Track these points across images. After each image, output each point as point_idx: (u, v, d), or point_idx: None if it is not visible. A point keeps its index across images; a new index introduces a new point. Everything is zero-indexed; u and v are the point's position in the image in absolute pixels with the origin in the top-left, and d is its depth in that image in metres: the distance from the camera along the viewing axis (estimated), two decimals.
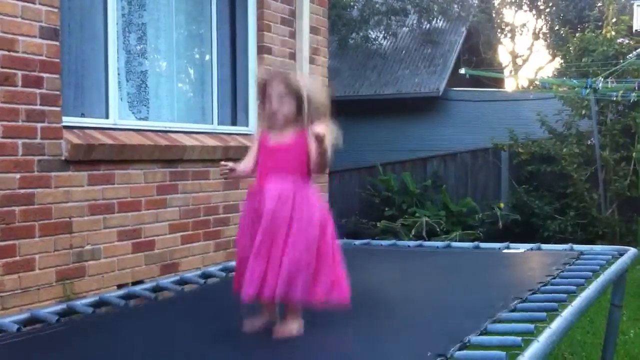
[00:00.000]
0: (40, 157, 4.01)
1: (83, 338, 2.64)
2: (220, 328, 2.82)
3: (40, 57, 4.01)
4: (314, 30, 6.35)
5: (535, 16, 23.18)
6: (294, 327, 2.61)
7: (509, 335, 2.28)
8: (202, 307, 3.23)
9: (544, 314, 2.49)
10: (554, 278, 3.23)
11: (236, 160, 5.47)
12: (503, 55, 23.95)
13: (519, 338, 2.18)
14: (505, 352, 2.08)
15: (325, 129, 2.56)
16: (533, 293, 2.92)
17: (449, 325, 2.52)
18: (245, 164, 2.81)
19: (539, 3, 22.60)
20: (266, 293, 2.54)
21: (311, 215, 2.62)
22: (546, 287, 3.05)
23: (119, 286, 4.36)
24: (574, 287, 2.98)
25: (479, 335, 2.32)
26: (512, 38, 23.91)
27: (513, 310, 2.64)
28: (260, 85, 2.73)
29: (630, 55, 10.23)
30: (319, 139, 2.53)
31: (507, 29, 23.27)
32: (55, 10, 4.11)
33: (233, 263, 4.15)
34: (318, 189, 2.72)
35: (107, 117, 4.65)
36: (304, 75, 2.72)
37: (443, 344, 2.20)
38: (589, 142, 10.70)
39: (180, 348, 2.52)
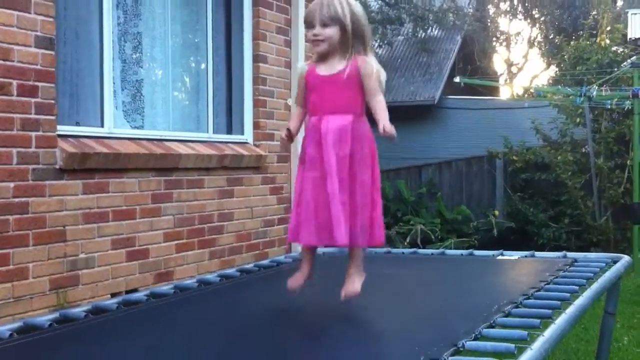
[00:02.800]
0: (34, 166, 4.01)
1: (76, 345, 2.64)
2: (216, 335, 2.81)
3: (35, 67, 4.02)
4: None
5: (530, 25, 23.30)
6: (358, 284, 2.63)
7: (502, 341, 2.29)
8: (198, 313, 3.22)
9: (538, 320, 2.49)
10: (547, 284, 3.24)
11: (232, 168, 5.50)
12: (498, 63, 24.07)
13: (513, 345, 2.18)
14: None
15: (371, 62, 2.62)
16: (527, 298, 2.93)
17: (443, 329, 2.52)
18: (296, 119, 2.79)
19: (533, 12, 22.71)
20: (346, 239, 2.55)
21: (367, 153, 2.65)
22: (539, 293, 3.05)
23: (113, 295, 4.36)
24: (567, 295, 2.98)
25: (473, 340, 2.32)
26: (507, 46, 24.03)
27: (507, 315, 2.65)
28: (305, 16, 2.71)
29: (625, 63, 10.27)
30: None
31: (502, 37, 23.37)
32: (51, 19, 4.13)
33: (228, 271, 4.15)
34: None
35: (102, 125, 4.65)
36: (347, 2, 2.67)
37: (436, 349, 2.20)
38: (584, 150, 10.73)
39: (175, 355, 2.52)
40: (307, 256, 2.84)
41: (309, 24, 2.66)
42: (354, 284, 2.69)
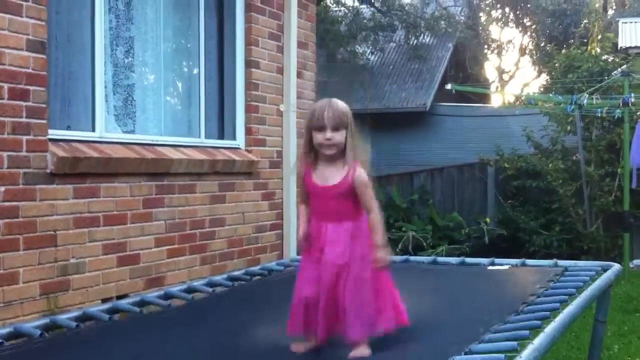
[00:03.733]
0: (25, 170, 3.99)
1: (67, 353, 2.63)
2: (206, 342, 2.81)
3: (26, 70, 4.00)
4: (301, 45, 6.39)
5: (521, 33, 23.39)
6: (366, 350, 2.63)
7: (492, 353, 2.28)
8: (188, 322, 3.21)
9: (527, 332, 2.50)
10: (537, 297, 3.24)
11: (224, 174, 5.49)
12: (489, 71, 24.16)
13: (502, 355, 2.19)
14: None
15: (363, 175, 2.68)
16: (517, 314, 2.93)
17: (433, 347, 2.53)
18: (304, 218, 2.81)
19: (525, 20, 22.80)
20: (350, 335, 2.60)
21: (365, 253, 2.68)
22: (530, 306, 3.05)
23: (104, 300, 4.33)
24: (557, 304, 2.99)
25: (464, 354, 2.32)
26: (499, 54, 24.11)
27: (496, 332, 2.64)
28: (310, 118, 2.72)
29: (615, 72, 10.33)
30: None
31: (494, 45, 23.45)
32: (43, 23, 4.11)
33: (218, 277, 4.14)
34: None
35: (93, 130, 4.64)
36: (343, 103, 2.73)
37: None
38: (574, 158, 10.77)
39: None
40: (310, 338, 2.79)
41: (317, 128, 2.67)
42: (361, 349, 2.65)
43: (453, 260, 4.63)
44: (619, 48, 13.61)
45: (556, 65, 11.68)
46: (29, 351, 2.61)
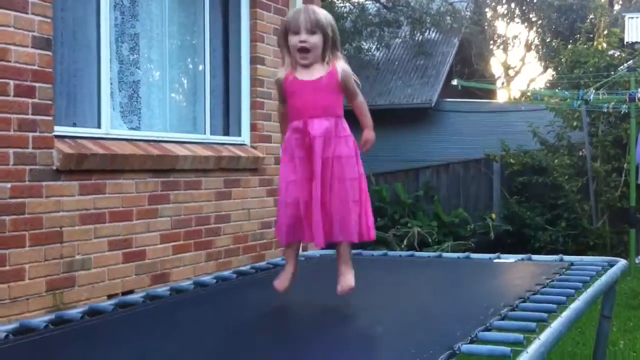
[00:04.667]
0: (31, 167, 4.01)
1: (72, 347, 2.63)
2: (212, 336, 2.81)
3: (32, 67, 4.01)
4: None
5: (527, 28, 23.36)
6: (351, 278, 2.70)
7: (498, 344, 2.28)
8: (194, 315, 3.21)
9: (534, 324, 2.49)
10: (543, 287, 3.24)
11: (229, 170, 5.49)
12: (495, 66, 24.13)
13: (508, 349, 2.18)
14: None
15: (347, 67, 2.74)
16: (523, 301, 2.93)
17: (439, 332, 2.52)
18: (286, 126, 2.85)
19: (531, 15, 22.75)
20: (326, 240, 2.64)
21: (352, 152, 2.73)
22: (536, 296, 3.05)
23: (109, 296, 4.35)
24: (563, 298, 2.98)
25: (469, 343, 2.32)
26: (504, 50, 24.08)
27: (503, 319, 2.65)
28: (285, 23, 2.75)
29: (622, 67, 10.30)
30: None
31: (500, 40, 23.42)
32: (48, 20, 4.12)
33: (225, 273, 4.15)
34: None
35: (99, 126, 4.65)
36: (323, 10, 2.76)
37: (432, 352, 2.20)
38: (580, 154, 10.75)
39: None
40: (290, 254, 2.88)
41: (293, 31, 2.70)
42: (347, 278, 2.76)
43: (458, 255, 4.63)
44: (625, 43, 13.58)
45: (562, 60, 11.65)
46: (35, 344, 2.62)
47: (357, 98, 2.79)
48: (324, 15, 2.70)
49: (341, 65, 2.74)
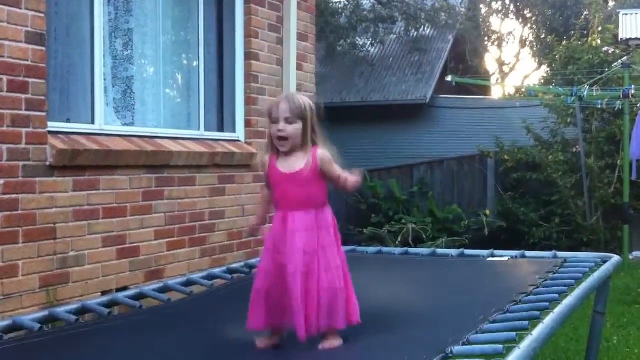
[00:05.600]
0: (25, 163, 3.99)
1: (66, 346, 2.63)
2: (205, 336, 2.81)
3: (25, 62, 4.00)
4: (301, 36, 6.37)
5: (521, 24, 23.37)
6: (336, 341, 2.64)
7: (491, 343, 2.29)
8: (187, 316, 3.21)
9: (526, 322, 2.50)
10: (536, 287, 3.25)
11: (223, 166, 5.49)
12: (490, 63, 24.14)
13: (501, 346, 2.19)
14: None
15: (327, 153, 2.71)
16: (516, 304, 2.93)
17: (431, 336, 2.53)
18: (263, 206, 2.89)
19: (525, 11, 22.77)
20: (312, 331, 2.59)
21: (333, 240, 2.71)
22: (529, 296, 3.06)
23: (104, 293, 4.34)
24: (556, 295, 2.99)
25: (462, 344, 2.32)
26: (499, 46, 24.10)
27: (495, 322, 2.65)
28: (267, 112, 2.75)
29: (616, 63, 10.31)
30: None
31: (494, 37, 23.42)
32: (42, 15, 4.10)
33: (217, 270, 4.15)
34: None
35: (92, 122, 4.63)
36: (304, 97, 2.76)
37: (425, 355, 2.20)
38: (575, 150, 10.77)
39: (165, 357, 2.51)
40: (275, 333, 2.78)
41: (272, 119, 2.71)
42: (331, 340, 2.67)
43: (452, 252, 4.63)
44: (619, 40, 13.60)
45: (556, 57, 11.66)
46: (28, 345, 2.61)
47: (340, 179, 2.73)
48: (303, 102, 2.71)
49: (320, 154, 2.71)
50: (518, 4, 22.71)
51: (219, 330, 2.92)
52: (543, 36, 21.29)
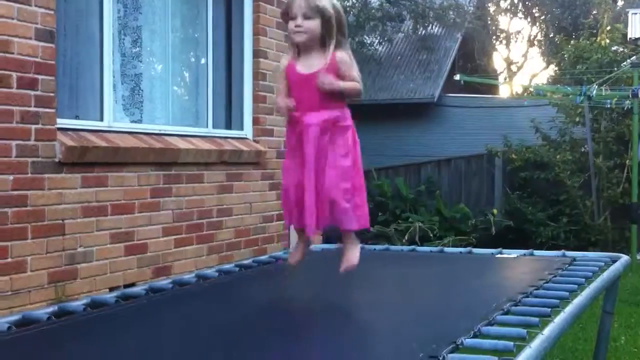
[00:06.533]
0: (34, 159, 4.00)
1: (75, 340, 2.63)
2: (215, 328, 2.81)
3: (35, 59, 4.01)
4: None
5: (530, 23, 23.32)
6: (356, 253, 2.72)
7: (501, 339, 2.28)
8: (196, 308, 3.21)
9: (537, 319, 2.49)
10: (546, 282, 3.23)
11: (231, 164, 5.50)
12: (498, 61, 24.08)
13: (511, 343, 2.18)
14: (497, 358, 2.08)
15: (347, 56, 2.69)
16: (526, 296, 2.92)
17: (442, 327, 2.52)
18: (284, 93, 2.83)
19: (534, 10, 22.70)
20: (320, 225, 2.65)
21: (348, 142, 2.72)
22: (539, 291, 3.04)
23: (111, 289, 4.35)
24: (566, 293, 2.98)
25: (472, 337, 2.32)
26: (507, 45, 24.04)
27: (506, 313, 2.64)
28: (284, 7, 2.72)
29: (625, 63, 10.27)
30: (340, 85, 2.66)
31: (502, 35, 23.36)
32: (51, 12, 4.11)
33: (227, 266, 4.15)
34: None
35: (101, 119, 4.65)
36: None
37: (435, 346, 2.19)
38: (583, 150, 10.73)
39: (173, 349, 2.51)
40: (299, 235, 2.92)
41: (289, 15, 2.68)
42: (350, 256, 2.78)
43: (460, 250, 4.62)
44: (628, 39, 13.54)
45: (565, 56, 11.62)
46: (37, 336, 2.62)
47: (357, 84, 2.76)
48: (320, 1, 2.66)
49: (340, 55, 2.69)
50: (527, 3, 22.66)
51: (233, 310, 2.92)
52: (551, 35, 21.23)
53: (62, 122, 4.24)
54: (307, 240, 2.86)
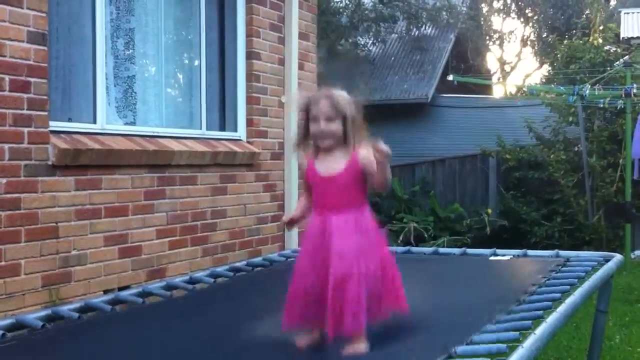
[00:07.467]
0: (26, 162, 3.99)
1: (69, 343, 2.63)
2: (208, 333, 2.81)
3: (27, 62, 4.00)
4: (302, 36, 6.37)
5: (523, 23, 23.35)
6: (362, 345, 2.59)
7: (494, 343, 2.29)
8: (189, 313, 3.22)
9: (529, 322, 2.50)
10: (539, 287, 3.24)
11: (225, 165, 5.50)
12: (491, 62, 24.12)
13: (504, 345, 2.19)
14: None
15: (370, 153, 2.57)
16: (519, 303, 2.93)
17: (435, 333, 2.53)
18: (301, 206, 2.80)
19: (527, 10, 22.75)
20: (346, 330, 2.53)
21: (373, 240, 2.64)
22: (532, 296, 3.05)
23: (105, 291, 4.34)
24: (559, 295, 2.99)
25: (465, 344, 2.32)
26: (501, 45, 24.07)
27: (498, 322, 2.64)
28: (304, 107, 2.68)
29: (617, 62, 10.30)
30: (376, 163, 2.55)
31: (496, 36, 23.40)
32: (44, 14, 4.10)
33: (220, 269, 4.15)
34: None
35: (94, 121, 4.63)
36: (344, 93, 2.69)
37: (429, 355, 2.20)
38: (576, 149, 10.76)
39: (166, 354, 2.51)
40: (314, 330, 2.75)
41: (312, 117, 2.64)
42: (358, 345, 2.60)
43: (454, 251, 4.63)
44: (621, 39, 13.58)
45: (558, 56, 11.64)
46: (31, 342, 2.61)
47: (375, 179, 2.64)
48: (344, 99, 2.63)
49: (362, 154, 2.62)
50: (519, 3, 22.70)
51: (230, 323, 2.92)
52: (544, 35, 21.27)
53: (55, 125, 4.23)
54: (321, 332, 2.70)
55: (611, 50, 11.33)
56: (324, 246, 2.60)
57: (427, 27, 16.57)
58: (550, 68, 13.52)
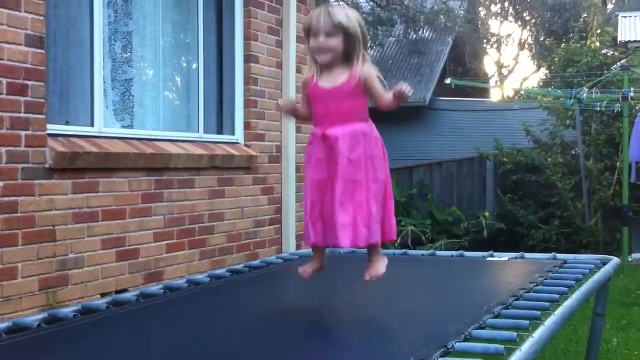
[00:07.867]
0: (24, 165, 3.99)
1: (66, 345, 2.63)
2: (206, 334, 2.81)
3: (25, 65, 4.00)
4: (301, 39, 6.37)
5: (521, 27, 23.39)
6: (382, 265, 2.65)
7: (492, 342, 2.29)
8: (188, 313, 3.21)
9: (527, 322, 2.50)
10: (537, 285, 3.25)
11: (223, 169, 5.50)
12: (489, 65, 24.17)
13: (502, 347, 2.19)
14: None
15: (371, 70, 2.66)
16: (517, 300, 2.93)
17: (433, 331, 2.53)
18: (304, 110, 2.81)
19: (524, 14, 22.79)
20: (360, 242, 2.57)
21: (380, 153, 2.69)
22: (530, 294, 3.06)
23: (103, 295, 4.34)
24: (557, 296, 2.99)
25: (463, 341, 2.32)
26: (498, 49, 24.11)
27: (497, 317, 2.65)
28: (306, 25, 2.69)
29: (615, 66, 10.33)
30: (400, 97, 2.60)
31: (493, 39, 23.45)
32: (41, 18, 4.10)
33: (218, 271, 4.15)
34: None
35: (92, 125, 4.63)
36: (346, 9, 2.70)
37: (426, 350, 2.20)
38: (574, 152, 10.78)
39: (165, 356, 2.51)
40: (317, 254, 2.86)
41: (312, 33, 2.65)
42: (377, 267, 2.74)
43: (452, 254, 4.63)
44: (618, 42, 13.61)
45: (556, 59, 11.68)
46: (28, 343, 2.61)
47: (383, 100, 2.69)
48: (345, 15, 2.63)
49: (363, 68, 2.66)
50: (517, 7, 22.73)
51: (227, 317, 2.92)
52: (542, 39, 21.31)
53: (52, 128, 4.23)
54: (323, 259, 2.77)
55: (609, 54, 11.38)
56: (330, 155, 2.61)
57: (425, 31, 16.61)
58: (547, 72, 13.56)
